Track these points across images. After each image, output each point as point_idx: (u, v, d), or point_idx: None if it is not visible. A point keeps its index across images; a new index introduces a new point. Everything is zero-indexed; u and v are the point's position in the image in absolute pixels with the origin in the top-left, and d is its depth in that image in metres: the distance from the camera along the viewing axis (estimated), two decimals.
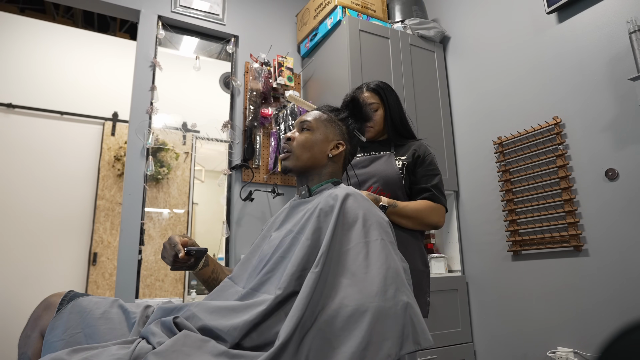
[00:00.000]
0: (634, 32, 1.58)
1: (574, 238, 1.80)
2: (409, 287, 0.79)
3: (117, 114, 3.45)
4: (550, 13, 1.96)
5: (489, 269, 2.20)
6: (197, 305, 0.84)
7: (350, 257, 0.79)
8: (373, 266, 0.77)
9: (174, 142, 2.52)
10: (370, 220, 0.85)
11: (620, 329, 0.58)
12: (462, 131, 2.48)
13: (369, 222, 0.84)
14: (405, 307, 0.72)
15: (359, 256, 0.79)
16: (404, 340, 0.69)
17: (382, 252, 0.80)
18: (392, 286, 0.74)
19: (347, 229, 0.84)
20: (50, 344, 0.87)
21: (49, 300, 0.96)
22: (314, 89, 2.62)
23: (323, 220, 0.86)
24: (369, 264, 0.77)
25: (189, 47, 2.63)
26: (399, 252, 0.87)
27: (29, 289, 2.89)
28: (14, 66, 3.21)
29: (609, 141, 1.72)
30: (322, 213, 0.86)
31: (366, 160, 1.44)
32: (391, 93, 1.50)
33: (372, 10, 2.54)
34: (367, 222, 0.84)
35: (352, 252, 0.80)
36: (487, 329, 2.19)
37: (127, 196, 2.14)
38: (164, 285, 2.66)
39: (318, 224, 0.85)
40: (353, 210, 0.86)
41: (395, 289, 0.74)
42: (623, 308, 1.62)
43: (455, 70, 2.57)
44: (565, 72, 1.91)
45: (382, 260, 0.78)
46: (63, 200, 3.18)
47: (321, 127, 1.04)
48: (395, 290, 0.73)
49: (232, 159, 2.44)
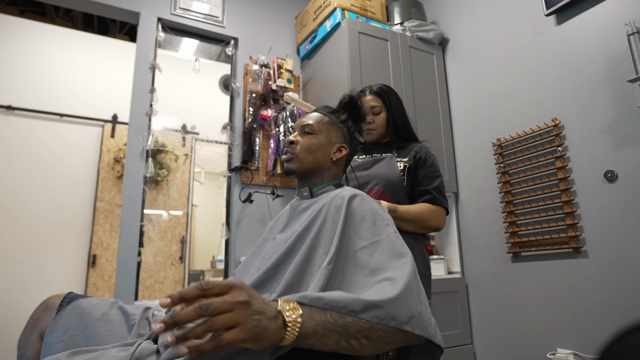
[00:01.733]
0: (633, 34, 1.59)
1: (574, 239, 1.80)
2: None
3: (117, 116, 3.45)
4: (549, 15, 1.97)
5: (489, 271, 2.20)
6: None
7: (364, 255, 0.77)
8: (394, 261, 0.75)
9: (174, 144, 2.52)
10: (379, 219, 0.83)
11: (620, 330, 0.58)
12: (462, 133, 2.48)
13: (378, 221, 0.83)
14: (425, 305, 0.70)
15: (374, 255, 0.77)
16: (416, 322, 0.65)
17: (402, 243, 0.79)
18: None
19: (356, 228, 0.82)
20: (49, 345, 0.87)
21: (49, 301, 0.96)
22: (314, 91, 2.63)
23: (331, 220, 0.84)
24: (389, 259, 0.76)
25: (189, 49, 2.63)
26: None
27: (28, 291, 2.89)
28: (13, 68, 3.21)
29: (608, 143, 1.73)
30: (330, 214, 0.85)
31: (368, 162, 1.45)
32: (394, 96, 1.50)
33: (372, 13, 2.54)
34: (376, 221, 0.83)
35: (366, 252, 0.78)
36: (486, 330, 2.18)
37: (127, 198, 2.14)
38: (163, 287, 2.65)
39: (324, 226, 0.84)
40: (360, 210, 0.85)
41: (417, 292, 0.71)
42: (623, 309, 1.62)
43: (455, 72, 2.57)
44: (564, 74, 1.92)
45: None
46: (62, 202, 3.17)
47: (324, 130, 1.03)
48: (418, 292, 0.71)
49: (232, 160, 2.44)
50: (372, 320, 0.61)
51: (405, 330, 0.63)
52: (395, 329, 0.63)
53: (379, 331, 0.62)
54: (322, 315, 0.60)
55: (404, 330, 0.63)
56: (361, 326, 0.61)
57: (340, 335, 0.60)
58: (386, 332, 0.63)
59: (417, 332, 0.64)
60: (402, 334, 0.64)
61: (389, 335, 0.63)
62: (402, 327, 0.63)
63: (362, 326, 0.61)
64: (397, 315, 0.63)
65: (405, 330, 0.63)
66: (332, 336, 0.60)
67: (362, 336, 0.62)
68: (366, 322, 0.61)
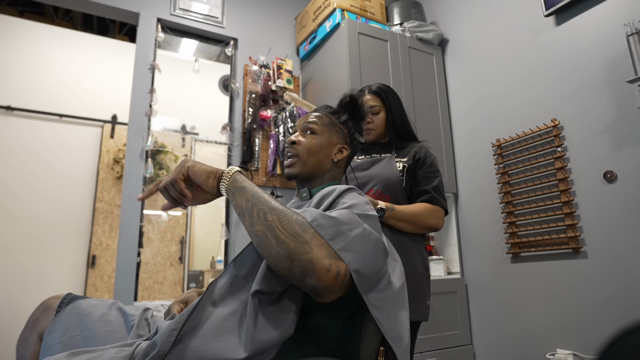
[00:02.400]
0: (632, 34, 1.59)
1: (573, 240, 1.80)
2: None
3: (116, 116, 3.45)
4: (548, 16, 1.97)
5: (488, 271, 2.20)
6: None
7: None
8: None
9: (173, 144, 2.52)
10: (357, 207, 0.78)
11: (620, 330, 0.58)
12: (461, 134, 2.48)
13: (356, 208, 0.78)
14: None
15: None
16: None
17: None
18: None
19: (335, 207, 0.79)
20: (48, 346, 0.87)
21: (48, 302, 0.96)
22: (313, 91, 2.63)
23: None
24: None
25: (188, 49, 2.63)
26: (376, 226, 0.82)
27: (27, 292, 2.88)
28: (13, 69, 3.21)
29: (607, 143, 1.73)
30: (318, 203, 0.83)
31: (367, 163, 1.44)
32: (393, 96, 1.50)
33: (371, 13, 2.55)
34: (353, 207, 0.78)
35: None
36: (486, 331, 2.18)
37: (126, 199, 2.14)
38: (163, 288, 2.65)
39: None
40: (348, 198, 0.82)
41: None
42: (622, 310, 1.62)
43: (454, 72, 2.57)
44: (563, 75, 1.92)
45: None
46: (62, 202, 3.17)
47: (325, 131, 1.02)
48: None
49: (231, 161, 2.44)
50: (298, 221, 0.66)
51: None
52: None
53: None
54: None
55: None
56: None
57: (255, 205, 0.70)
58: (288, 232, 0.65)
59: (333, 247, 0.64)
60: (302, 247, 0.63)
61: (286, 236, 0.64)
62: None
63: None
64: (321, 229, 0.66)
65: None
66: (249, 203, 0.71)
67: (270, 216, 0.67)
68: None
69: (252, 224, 0.69)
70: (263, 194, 0.72)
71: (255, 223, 0.68)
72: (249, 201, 0.71)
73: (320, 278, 0.61)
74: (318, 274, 0.61)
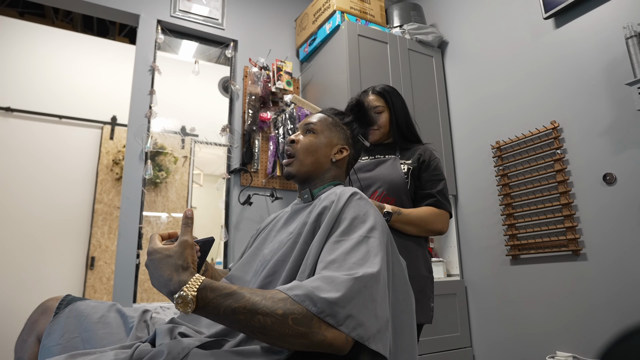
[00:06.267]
0: (631, 37, 1.59)
1: (572, 242, 1.80)
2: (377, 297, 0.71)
3: (116, 117, 3.45)
4: (547, 18, 1.98)
5: (488, 273, 2.20)
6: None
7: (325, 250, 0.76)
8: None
9: (173, 146, 2.52)
10: (358, 220, 0.80)
11: (620, 333, 0.58)
12: (461, 136, 2.48)
13: (357, 221, 0.80)
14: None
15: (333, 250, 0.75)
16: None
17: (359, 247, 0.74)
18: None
19: (337, 228, 0.80)
20: (47, 348, 0.87)
21: (46, 304, 0.95)
22: (313, 93, 2.63)
23: (319, 220, 0.83)
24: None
25: (188, 51, 2.63)
26: (397, 253, 0.87)
27: (26, 293, 2.88)
28: (13, 70, 3.21)
29: (607, 145, 1.73)
30: (320, 214, 0.84)
31: (371, 164, 1.44)
32: (397, 96, 1.50)
33: (371, 15, 2.55)
34: (354, 220, 0.80)
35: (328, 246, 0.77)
36: (486, 333, 2.18)
37: (126, 200, 2.14)
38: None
39: (315, 225, 0.83)
40: (349, 211, 0.82)
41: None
42: (622, 312, 1.62)
43: (454, 75, 2.58)
44: (562, 77, 1.93)
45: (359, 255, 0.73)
46: (61, 204, 3.17)
47: (326, 130, 1.02)
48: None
49: (231, 162, 2.43)
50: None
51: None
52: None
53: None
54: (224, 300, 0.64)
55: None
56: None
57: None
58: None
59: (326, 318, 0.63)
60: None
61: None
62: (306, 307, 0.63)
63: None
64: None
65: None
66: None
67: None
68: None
69: (251, 332, 0.65)
70: (237, 301, 0.63)
71: (250, 332, 0.65)
72: (227, 317, 0.64)
73: (341, 351, 0.65)
74: (338, 351, 0.65)
